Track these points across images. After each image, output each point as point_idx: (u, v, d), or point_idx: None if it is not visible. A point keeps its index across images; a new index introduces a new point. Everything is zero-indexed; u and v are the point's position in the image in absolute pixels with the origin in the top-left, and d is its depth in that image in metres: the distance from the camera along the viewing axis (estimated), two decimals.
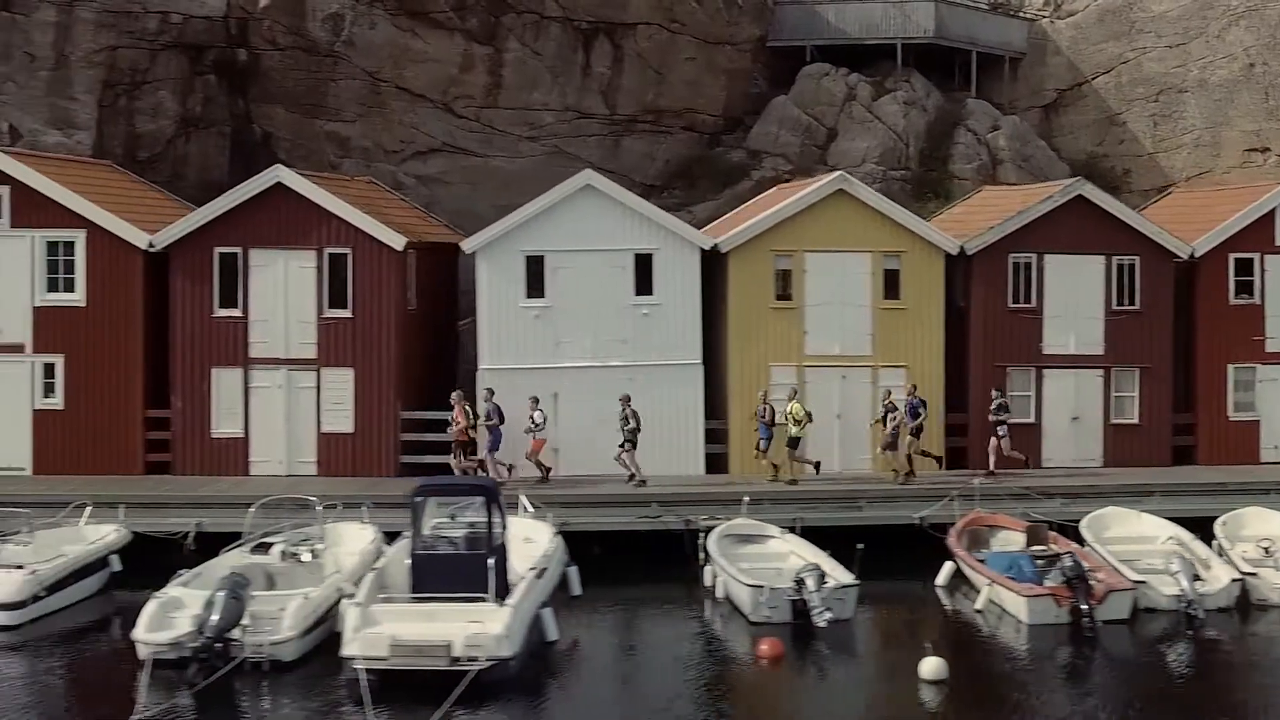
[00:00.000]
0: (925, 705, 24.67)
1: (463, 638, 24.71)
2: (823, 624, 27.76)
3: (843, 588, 28.70)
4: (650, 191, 47.07)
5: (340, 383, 37.26)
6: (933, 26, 51.92)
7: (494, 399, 36.23)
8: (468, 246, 37.91)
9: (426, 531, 27.29)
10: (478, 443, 36.18)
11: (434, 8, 47.44)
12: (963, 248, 38.20)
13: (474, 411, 36.10)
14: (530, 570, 27.76)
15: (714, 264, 38.15)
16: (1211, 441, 39.08)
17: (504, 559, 27.12)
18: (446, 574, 26.46)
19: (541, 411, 36.21)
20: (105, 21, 44.76)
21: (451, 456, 36.19)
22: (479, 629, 24.93)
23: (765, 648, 26.81)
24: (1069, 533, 32.37)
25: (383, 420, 37.27)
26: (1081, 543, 31.83)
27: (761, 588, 28.71)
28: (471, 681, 23.97)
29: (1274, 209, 39.58)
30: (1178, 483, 36.29)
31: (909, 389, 36.85)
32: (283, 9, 46.40)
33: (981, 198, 44.36)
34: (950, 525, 33.06)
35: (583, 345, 37.44)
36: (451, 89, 48.11)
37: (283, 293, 37.32)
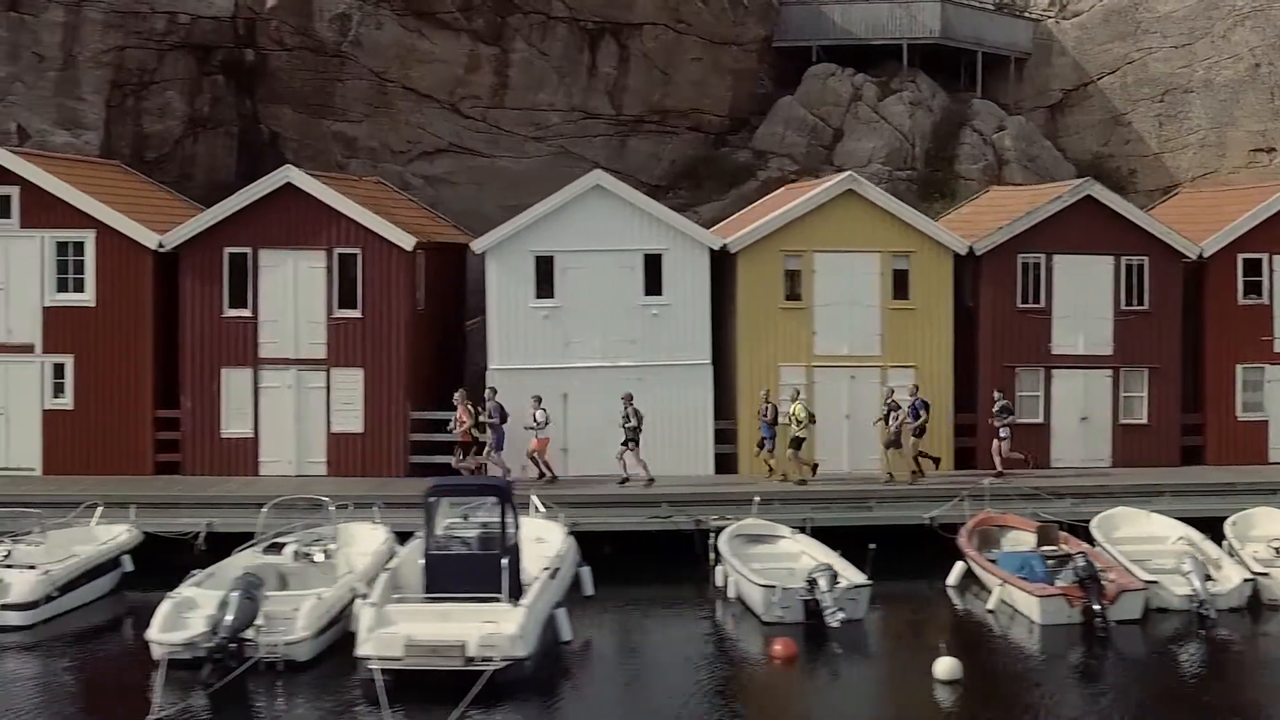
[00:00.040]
0: (941, 705, 24.67)
1: (477, 638, 24.72)
2: (835, 624, 27.76)
3: (855, 588, 28.70)
4: (656, 192, 46.98)
5: (350, 383, 37.29)
6: (938, 27, 51.88)
7: (497, 398, 36.22)
8: (477, 247, 37.91)
9: (439, 532, 27.31)
10: (488, 442, 36.22)
11: (441, 8, 47.40)
12: (972, 248, 38.21)
13: (477, 410, 36.07)
14: (544, 570, 27.76)
15: (723, 264, 38.15)
16: (1220, 442, 39.10)
17: (517, 559, 27.10)
18: (460, 574, 26.46)
19: (544, 411, 36.12)
20: (113, 22, 44.71)
21: (454, 456, 36.20)
22: (493, 629, 24.94)
23: (779, 648, 26.79)
24: (1079, 533, 32.41)
25: (392, 420, 37.29)
26: (1091, 543, 31.85)
27: (774, 588, 28.71)
28: (486, 681, 23.97)
29: None
30: (1187, 483, 36.29)
31: (911, 389, 36.85)
32: (290, 9, 46.39)
33: (989, 198, 44.33)
34: (960, 525, 33.07)
35: (592, 345, 37.44)
36: (458, 89, 48.09)
37: (292, 293, 37.33)
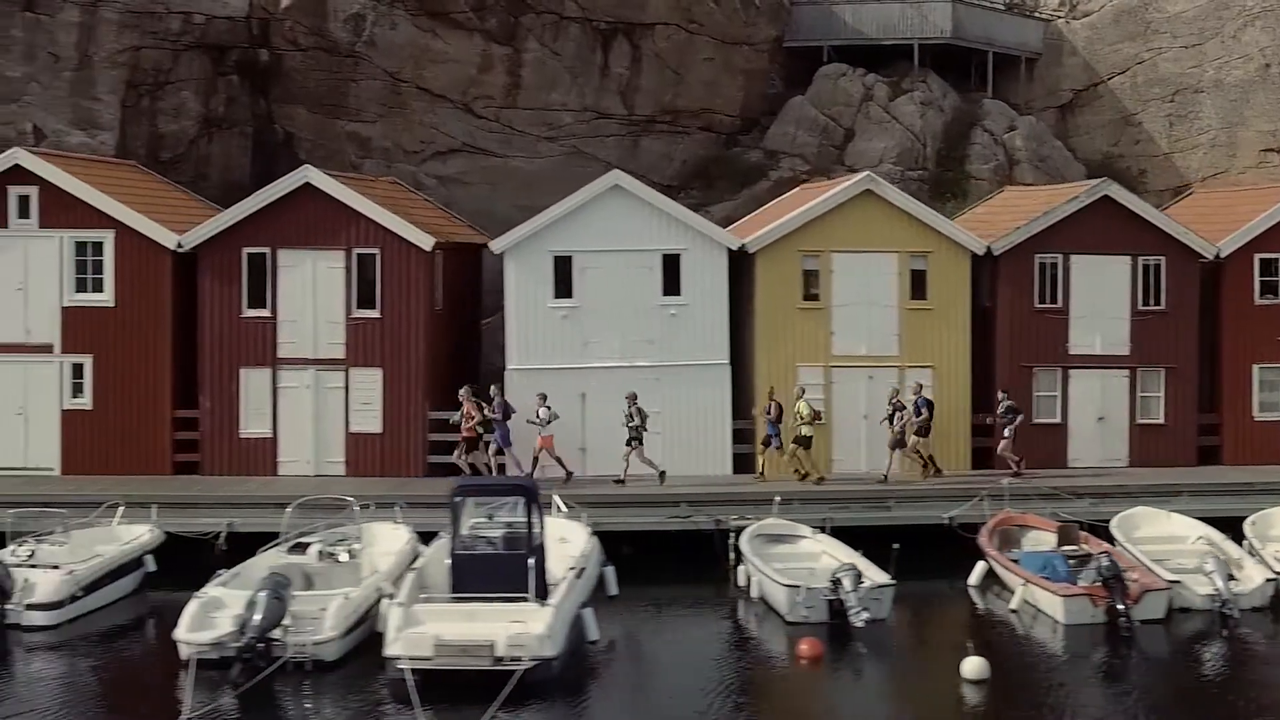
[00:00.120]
0: (969, 705, 24.72)
1: (506, 638, 24.73)
2: (860, 624, 27.80)
3: (879, 587, 28.74)
4: (668, 192, 46.78)
5: (369, 383, 37.29)
6: (950, 27, 51.86)
7: (503, 395, 36.27)
8: (496, 247, 37.92)
9: (465, 532, 27.32)
10: (498, 438, 36.19)
11: (454, 8, 47.40)
12: (989, 248, 38.25)
13: (483, 408, 36.05)
14: (570, 570, 27.81)
15: (741, 264, 38.19)
16: (1237, 441, 39.09)
17: (543, 559, 27.13)
18: (486, 574, 26.47)
19: (549, 409, 36.12)
20: (128, 22, 44.71)
21: (456, 453, 36.20)
22: (521, 629, 24.95)
23: (805, 648, 26.80)
24: (1098, 533, 32.40)
25: (411, 420, 37.30)
26: (1111, 542, 31.86)
27: (798, 588, 28.73)
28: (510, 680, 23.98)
29: None
30: (1205, 483, 36.33)
31: (915, 387, 36.89)
32: (304, 9, 46.40)
33: (1004, 198, 44.34)
34: (978, 525, 33.11)
35: (610, 345, 37.47)
36: (471, 89, 48.10)
37: (311, 293, 37.34)
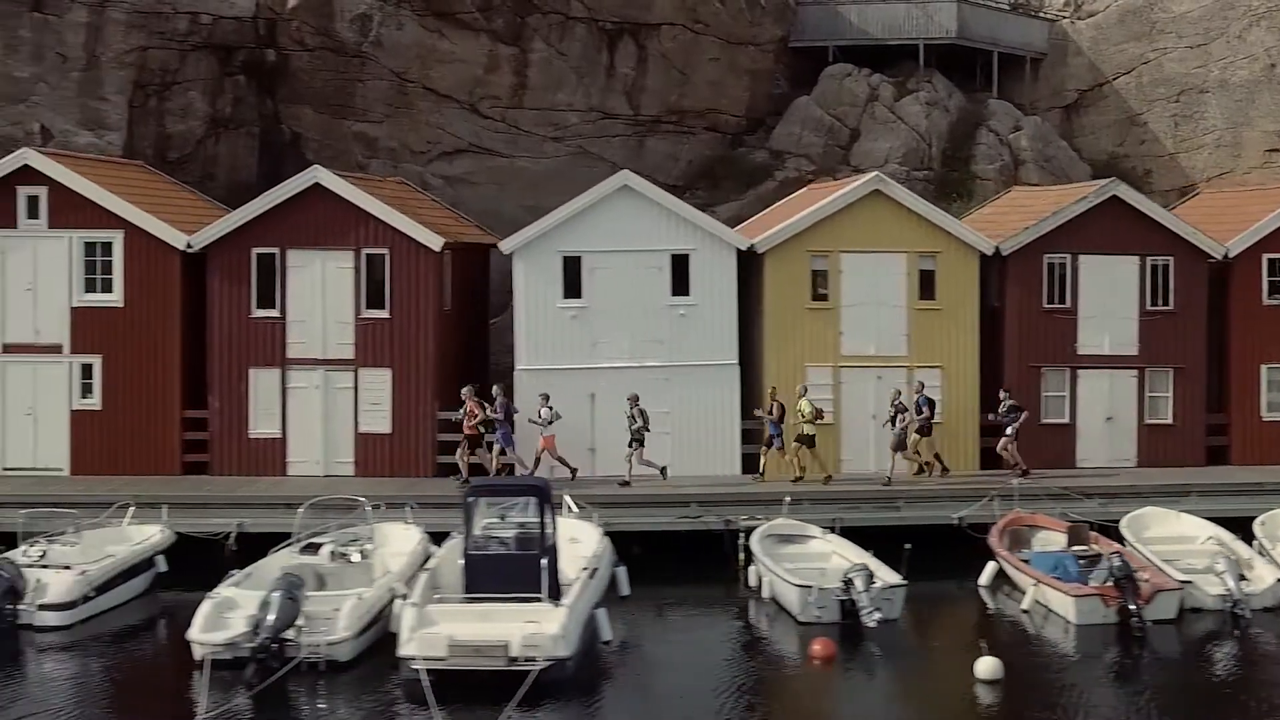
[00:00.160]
0: (983, 705, 24.75)
1: (520, 638, 24.73)
2: (872, 624, 27.76)
3: (891, 588, 28.72)
4: (674, 192, 46.52)
5: (378, 383, 37.30)
6: (955, 27, 51.87)
7: (504, 396, 36.29)
8: (505, 247, 37.92)
9: (477, 532, 27.32)
10: (499, 438, 36.19)
11: (460, 8, 47.44)
12: (998, 248, 38.26)
13: (485, 408, 36.07)
14: (583, 570, 27.80)
15: (750, 264, 38.21)
16: (1245, 442, 39.08)
17: (555, 559, 27.14)
18: (499, 574, 26.46)
19: (550, 409, 36.14)
20: (136, 22, 44.78)
21: (459, 452, 36.19)
22: (536, 629, 24.95)
23: (818, 648, 26.79)
24: (1108, 533, 32.43)
25: (420, 420, 37.29)
26: (1121, 543, 31.89)
27: (810, 588, 28.73)
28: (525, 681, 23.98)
29: None
30: (1214, 483, 36.34)
31: (917, 386, 36.90)
32: (311, 10, 46.45)
33: (1011, 198, 44.35)
34: (988, 525, 33.12)
35: (619, 346, 37.47)
36: (477, 89, 48.11)
37: (320, 293, 37.35)
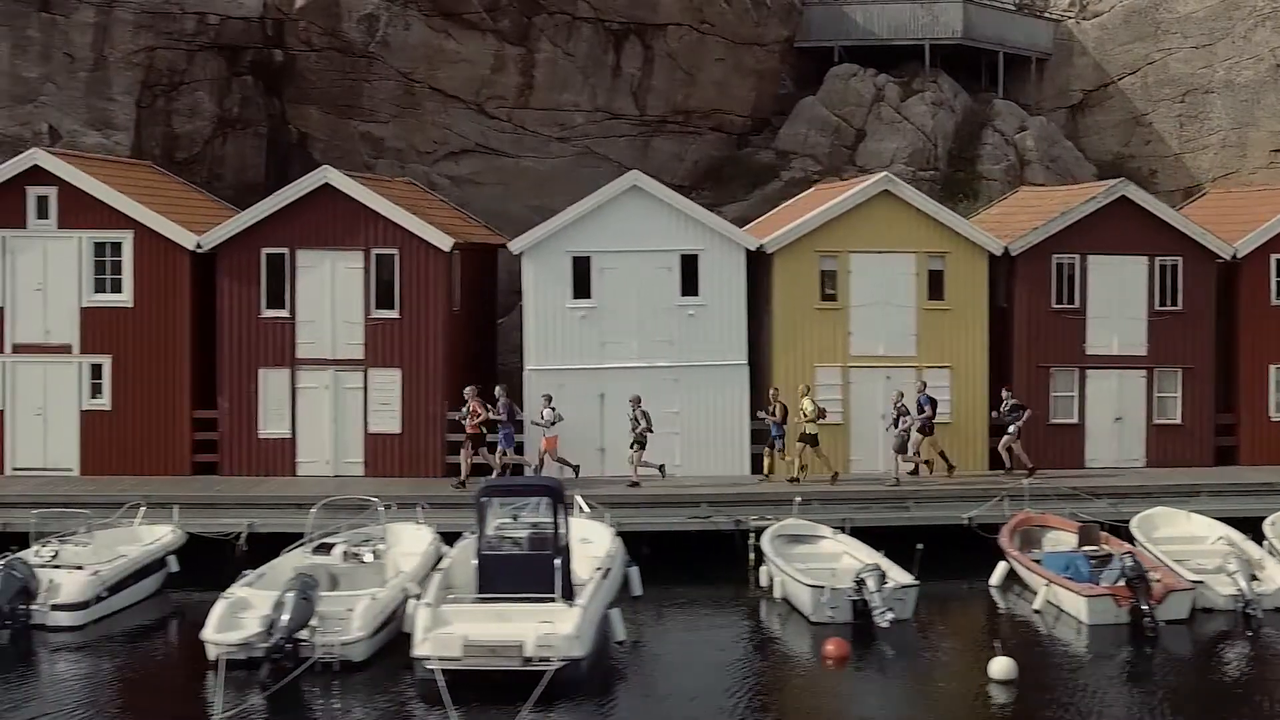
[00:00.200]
0: (998, 705, 24.77)
1: (534, 638, 24.72)
2: (884, 624, 27.78)
3: (903, 588, 28.75)
4: (679, 192, 46.62)
5: (387, 383, 37.29)
6: (961, 28, 51.89)
7: (507, 397, 36.30)
8: (515, 247, 37.92)
9: (490, 532, 27.33)
10: (501, 439, 36.16)
11: (467, 9, 47.49)
12: (1006, 248, 38.28)
13: (490, 408, 36.06)
14: (596, 570, 27.81)
15: (759, 265, 38.22)
16: (1253, 442, 39.07)
17: (568, 559, 27.15)
18: (513, 575, 26.47)
19: (553, 410, 36.15)
20: (143, 23, 44.85)
21: (463, 452, 36.15)
22: (550, 629, 24.95)
23: (831, 648, 26.80)
24: (1118, 533, 32.44)
25: (429, 421, 37.27)
26: (1131, 543, 31.91)
27: (823, 588, 28.75)
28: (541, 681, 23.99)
29: None
30: (1224, 483, 36.37)
31: (920, 385, 36.92)
32: (318, 10, 46.50)
33: (1018, 198, 44.35)
34: (997, 525, 33.14)
35: (629, 346, 37.46)
36: (484, 90, 48.15)
37: (330, 293, 37.33)
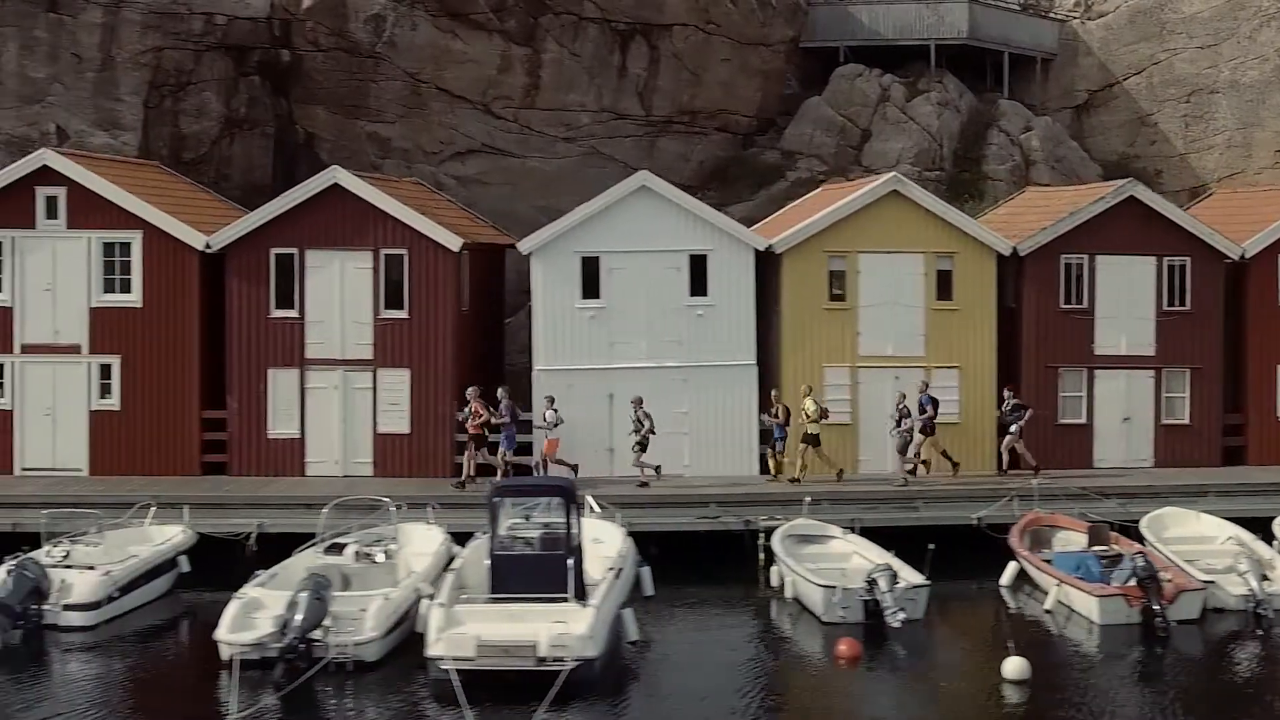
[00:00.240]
0: (1011, 704, 24.77)
1: (548, 638, 24.73)
2: (896, 624, 27.81)
3: (914, 588, 28.78)
4: (685, 192, 46.98)
5: (396, 383, 37.31)
6: (966, 28, 51.88)
7: (509, 399, 36.33)
8: (524, 247, 37.94)
9: (502, 532, 27.34)
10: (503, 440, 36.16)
11: (473, 9, 47.49)
12: (1015, 248, 38.29)
13: (493, 412, 36.06)
14: (609, 570, 27.84)
15: (767, 265, 38.23)
16: (1262, 442, 39.10)
17: (581, 559, 27.17)
18: (525, 575, 26.48)
19: (555, 412, 36.17)
20: (151, 23, 44.89)
21: (466, 454, 36.13)
22: (563, 629, 24.97)
23: (844, 648, 26.80)
24: (1128, 533, 32.45)
25: (438, 421, 37.27)
26: (1141, 542, 31.93)
27: (834, 588, 28.76)
28: (554, 681, 23.93)
29: None
30: (1232, 483, 36.41)
31: (921, 385, 36.93)
32: (325, 10, 46.54)
33: (1025, 198, 44.36)
34: (1006, 525, 33.16)
35: (638, 346, 37.48)
36: (490, 90, 48.16)
37: (339, 294, 37.36)
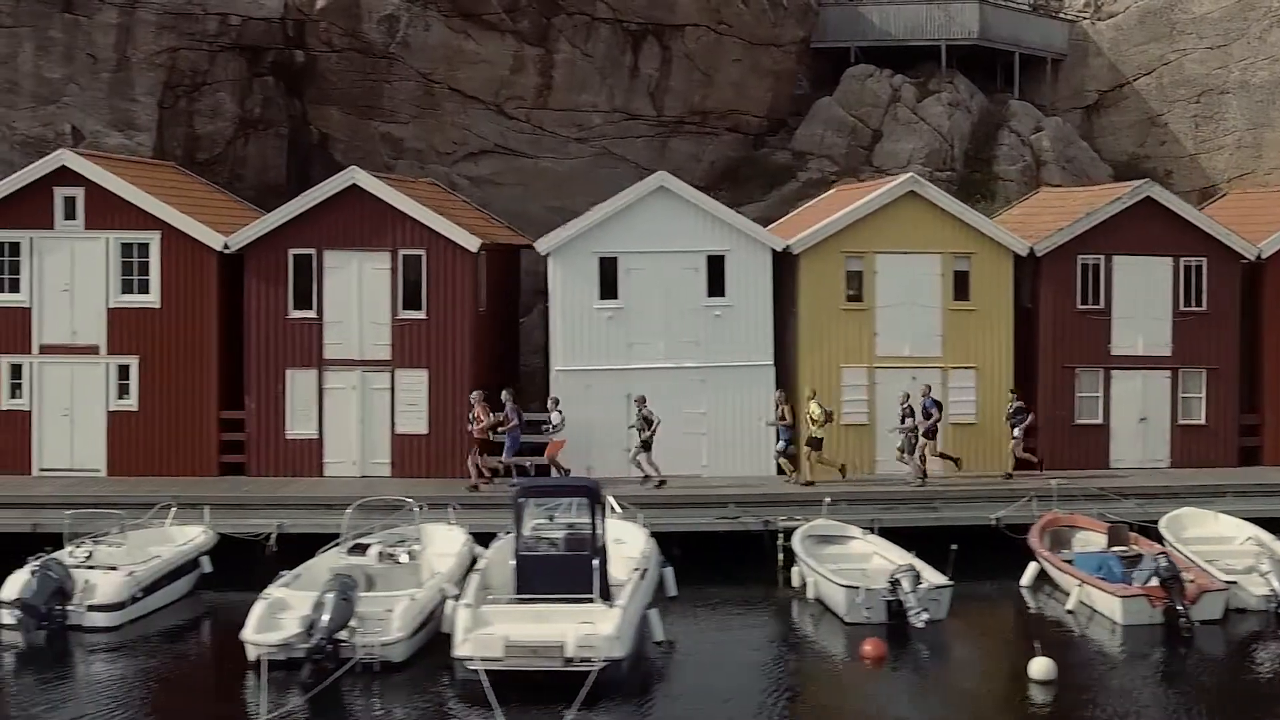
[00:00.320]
0: (1037, 704, 24.78)
1: (575, 638, 24.74)
2: (920, 625, 27.84)
3: (938, 589, 28.79)
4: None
5: (414, 384, 37.32)
6: (977, 28, 51.92)
7: (514, 402, 36.35)
8: (542, 248, 37.99)
9: (527, 533, 27.36)
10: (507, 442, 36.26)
11: (486, 10, 47.53)
12: (1032, 249, 38.33)
13: (495, 414, 36.10)
14: (634, 571, 27.87)
15: (784, 265, 38.27)
16: (1278, 442, 39.14)
17: (605, 560, 27.17)
18: (551, 575, 26.48)
19: (560, 413, 36.22)
20: (166, 23, 44.92)
21: (470, 457, 36.16)
22: (591, 630, 24.98)
23: (869, 648, 26.84)
24: (1146, 533, 32.46)
25: (456, 421, 37.13)
26: (1160, 543, 31.95)
27: (858, 589, 28.79)
28: (582, 681, 23.93)
29: None
30: (1249, 483, 36.45)
31: (924, 389, 36.96)
32: (339, 11, 46.57)
33: (1040, 199, 44.41)
34: (1024, 525, 33.18)
35: (655, 347, 37.51)
36: (503, 90, 48.19)
37: (357, 294, 37.37)
